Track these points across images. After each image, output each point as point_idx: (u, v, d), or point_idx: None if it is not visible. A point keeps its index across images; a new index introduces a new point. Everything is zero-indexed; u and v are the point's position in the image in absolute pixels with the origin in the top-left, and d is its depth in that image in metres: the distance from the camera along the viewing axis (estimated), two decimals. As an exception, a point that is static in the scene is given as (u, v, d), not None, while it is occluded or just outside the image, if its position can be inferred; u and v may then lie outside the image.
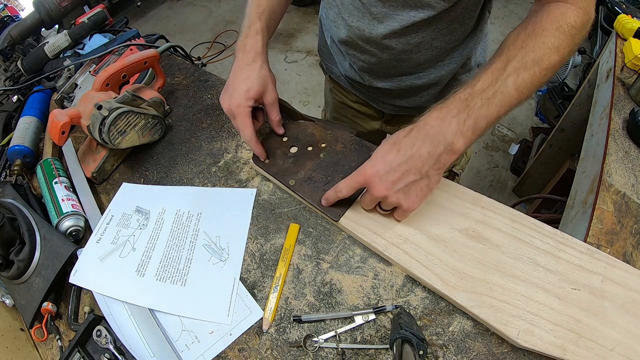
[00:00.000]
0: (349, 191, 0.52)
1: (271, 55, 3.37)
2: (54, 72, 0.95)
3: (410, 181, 0.47)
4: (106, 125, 0.64)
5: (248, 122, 0.59)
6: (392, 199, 0.48)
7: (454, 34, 0.65)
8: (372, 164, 0.49)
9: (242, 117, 0.58)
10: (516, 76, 0.45)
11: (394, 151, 0.47)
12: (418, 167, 0.46)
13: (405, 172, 0.47)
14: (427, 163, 0.46)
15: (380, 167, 0.47)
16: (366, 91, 0.83)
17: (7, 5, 1.38)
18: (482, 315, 0.45)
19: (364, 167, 0.49)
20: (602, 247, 0.58)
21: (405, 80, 0.74)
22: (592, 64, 1.50)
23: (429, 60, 0.69)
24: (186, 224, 0.62)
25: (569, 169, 1.35)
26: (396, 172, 0.47)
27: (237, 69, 0.60)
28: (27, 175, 0.80)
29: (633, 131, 0.75)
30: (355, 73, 0.78)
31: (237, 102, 0.58)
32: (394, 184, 0.47)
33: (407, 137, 0.47)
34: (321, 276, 0.54)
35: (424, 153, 0.46)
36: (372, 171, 0.48)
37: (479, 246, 0.50)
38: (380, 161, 0.48)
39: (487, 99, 0.45)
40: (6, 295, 0.62)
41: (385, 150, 0.48)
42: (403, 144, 0.47)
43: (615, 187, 0.66)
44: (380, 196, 0.49)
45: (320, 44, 0.89)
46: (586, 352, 0.42)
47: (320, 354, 0.48)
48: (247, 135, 0.59)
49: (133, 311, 0.54)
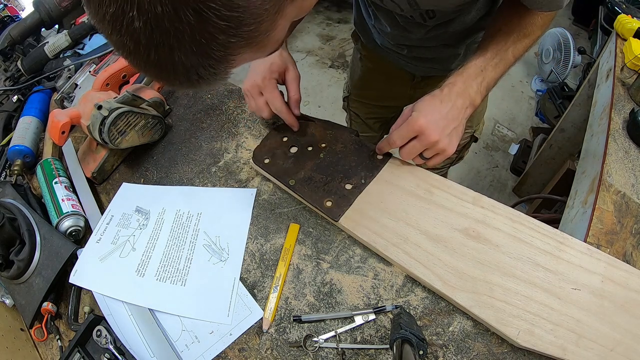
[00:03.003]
0: (403, 141, 0.55)
1: (271, 55, 3.29)
2: (54, 72, 0.96)
3: (454, 127, 0.54)
4: (106, 125, 0.64)
5: (277, 94, 0.61)
6: (442, 143, 0.54)
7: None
8: (423, 114, 0.53)
9: (270, 88, 0.61)
10: (514, 47, 0.56)
11: (437, 102, 0.54)
12: (456, 115, 0.54)
13: (450, 119, 0.54)
14: (462, 112, 0.55)
15: (432, 116, 0.53)
16: (401, 58, 0.86)
17: (7, 5, 1.38)
18: (482, 315, 0.45)
19: (415, 117, 0.53)
20: (602, 247, 0.58)
21: (445, 51, 0.79)
22: (592, 64, 1.50)
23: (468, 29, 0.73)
24: (186, 224, 0.62)
25: (569, 169, 1.35)
26: (445, 119, 0.53)
27: None
28: (27, 175, 0.80)
29: (633, 131, 0.75)
30: (394, 45, 0.82)
31: (263, 75, 0.61)
32: (444, 129, 0.53)
33: (443, 93, 0.55)
34: (321, 276, 0.54)
35: (459, 104, 0.54)
36: (426, 119, 0.53)
37: (479, 246, 0.50)
38: (429, 111, 0.54)
39: (494, 65, 0.56)
40: (6, 295, 0.62)
41: (430, 104, 0.54)
42: (444, 97, 0.54)
43: (615, 187, 0.66)
44: (434, 140, 0.53)
45: (355, 18, 0.91)
46: (586, 352, 0.42)
47: (320, 354, 0.48)
48: (278, 105, 0.61)
49: (133, 311, 0.54)
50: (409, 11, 0.62)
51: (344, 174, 0.59)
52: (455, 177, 1.71)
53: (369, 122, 1.09)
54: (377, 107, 1.05)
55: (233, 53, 0.29)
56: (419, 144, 0.55)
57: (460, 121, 0.56)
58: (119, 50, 0.28)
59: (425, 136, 0.53)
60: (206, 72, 0.30)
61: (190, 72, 0.29)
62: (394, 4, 0.61)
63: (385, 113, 1.07)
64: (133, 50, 0.27)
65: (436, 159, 0.57)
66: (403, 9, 0.62)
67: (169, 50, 0.27)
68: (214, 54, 0.28)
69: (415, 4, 0.59)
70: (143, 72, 0.31)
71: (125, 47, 0.27)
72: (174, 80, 0.31)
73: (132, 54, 0.28)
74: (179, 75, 0.29)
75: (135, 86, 0.76)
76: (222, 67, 0.30)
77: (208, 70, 0.30)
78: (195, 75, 0.30)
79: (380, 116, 1.08)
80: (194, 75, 0.30)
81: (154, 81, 0.31)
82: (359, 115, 1.08)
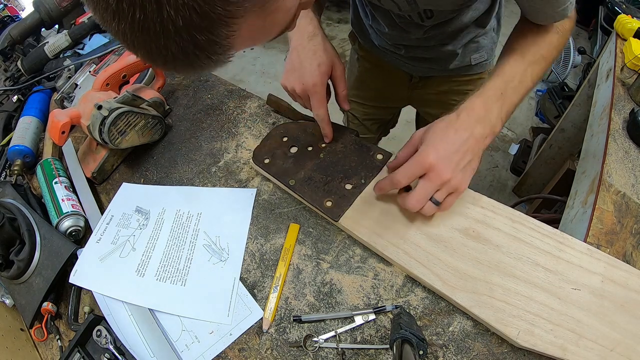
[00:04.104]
0: (408, 181, 0.49)
1: (271, 55, 3.35)
2: (54, 72, 0.96)
3: (467, 161, 0.47)
4: (106, 125, 0.64)
5: (324, 102, 0.58)
6: (455, 181, 0.47)
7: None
8: (434, 148, 0.46)
9: (318, 96, 0.57)
10: (532, 69, 0.51)
11: (452, 131, 0.47)
12: (473, 147, 0.47)
13: (465, 152, 0.47)
14: (480, 143, 0.48)
15: (444, 150, 0.46)
16: (399, 58, 0.84)
17: (7, 5, 1.38)
18: (482, 315, 0.45)
19: (424, 152, 0.47)
20: (602, 247, 0.58)
21: (443, 51, 0.76)
22: (592, 64, 1.50)
23: (466, 28, 0.72)
24: (186, 224, 0.62)
25: (569, 169, 1.35)
26: (459, 152, 0.47)
27: (300, 46, 0.58)
28: (27, 175, 0.80)
29: (633, 131, 0.75)
30: (391, 46, 0.80)
31: (314, 80, 0.57)
32: (457, 164, 0.47)
33: (460, 120, 0.48)
34: (321, 276, 0.54)
35: (477, 134, 0.48)
36: (437, 155, 0.46)
37: (479, 246, 0.50)
38: (441, 143, 0.47)
39: (513, 88, 0.50)
40: (6, 295, 0.62)
41: (441, 134, 0.48)
42: (460, 125, 0.48)
43: (615, 187, 0.66)
44: (446, 179, 0.46)
45: (352, 18, 0.90)
46: (586, 352, 0.42)
47: (320, 354, 0.48)
48: (322, 115, 0.59)
49: (133, 311, 0.54)
50: (407, 10, 0.61)
51: (344, 174, 0.59)
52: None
53: (366, 123, 1.08)
54: (374, 108, 1.04)
55: (235, 15, 0.25)
56: (430, 184, 0.47)
57: (476, 153, 0.48)
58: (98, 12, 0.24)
59: (435, 174, 0.46)
60: (203, 40, 0.25)
61: (183, 36, 0.24)
62: (393, 3, 0.59)
63: (383, 114, 1.07)
64: (115, 8, 0.23)
65: (450, 200, 0.49)
66: (401, 8, 0.60)
67: (156, 4, 0.22)
68: (213, 10, 0.24)
69: (414, 3, 0.57)
70: (129, 46, 0.26)
71: (109, 8, 0.23)
72: (164, 50, 0.25)
73: (113, 16, 0.23)
74: (169, 41, 0.25)
75: (135, 86, 0.76)
76: (222, 32, 0.26)
77: (205, 35, 0.25)
78: (189, 43, 0.25)
79: (378, 117, 1.07)
80: (188, 41, 0.25)
81: (142, 59, 0.27)
82: (357, 117, 1.07)
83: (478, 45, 0.78)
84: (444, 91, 0.88)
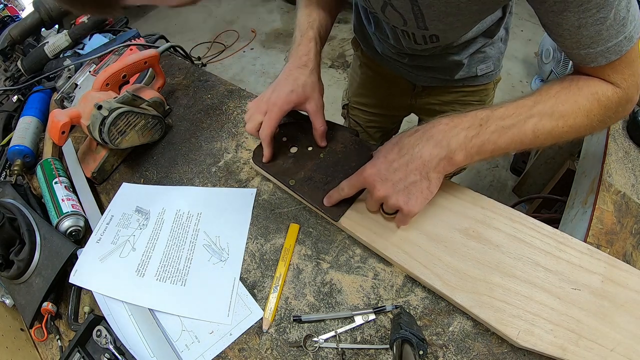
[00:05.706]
0: (351, 190, 0.52)
1: (271, 55, 3.33)
2: (54, 72, 0.96)
3: (411, 182, 0.46)
4: (106, 125, 0.64)
5: (273, 125, 0.57)
6: (392, 200, 0.47)
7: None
8: (373, 164, 0.48)
9: (272, 115, 0.57)
10: (538, 120, 0.44)
11: (396, 150, 0.47)
12: (419, 168, 0.45)
13: (406, 173, 0.46)
14: (428, 165, 0.45)
15: (382, 167, 0.47)
16: (402, 66, 0.83)
17: (7, 5, 1.38)
18: (482, 315, 0.45)
19: (366, 166, 0.49)
20: (602, 247, 0.58)
21: (448, 60, 0.74)
22: (592, 64, 1.50)
23: (470, 39, 0.70)
24: (186, 224, 0.62)
25: (569, 169, 1.35)
26: (397, 172, 0.46)
27: (287, 71, 0.59)
28: (27, 175, 0.80)
29: (633, 131, 0.75)
30: (394, 54, 0.79)
31: (275, 100, 0.56)
32: (394, 184, 0.46)
33: (410, 138, 0.47)
34: (321, 276, 0.54)
35: (425, 154, 0.45)
36: (373, 170, 0.47)
37: (479, 246, 0.50)
38: (381, 160, 0.48)
39: (501, 127, 0.44)
40: (6, 295, 0.62)
41: (387, 149, 0.48)
42: (405, 144, 0.47)
43: (615, 187, 0.66)
44: (380, 196, 0.48)
45: (355, 24, 0.89)
46: (586, 352, 0.42)
47: (320, 354, 0.48)
48: (265, 134, 0.58)
49: (133, 311, 0.54)
50: (413, 29, 0.59)
51: (344, 174, 0.59)
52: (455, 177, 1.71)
53: (369, 130, 1.07)
54: (377, 116, 1.03)
55: None
56: (369, 197, 0.49)
57: (425, 175, 0.45)
58: None
59: (371, 190, 0.48)
60: None
61: None
62: (400, 18, 0.56)
63: (385, 122, 1.05)
64: None
65: (398, 218, 0.49)
66: (409, 24, 0.57)
67: None
68: None
69: (424, 27, 0.55)
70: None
71: None
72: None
73: None
74: None
75: (135, 86, 0.76)
76: None
77: None
78: None
79: (380, 125, 1.06)
80: None
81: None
82: (359, 123, 1.06)
83: (485, 56, 0.76)
84: (448, 101, 0.87)
